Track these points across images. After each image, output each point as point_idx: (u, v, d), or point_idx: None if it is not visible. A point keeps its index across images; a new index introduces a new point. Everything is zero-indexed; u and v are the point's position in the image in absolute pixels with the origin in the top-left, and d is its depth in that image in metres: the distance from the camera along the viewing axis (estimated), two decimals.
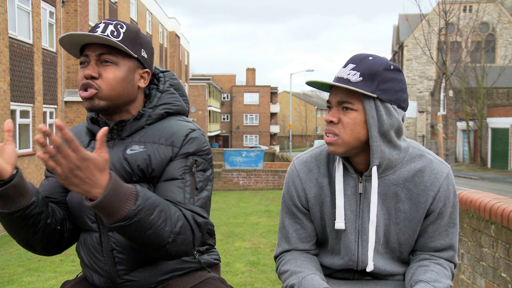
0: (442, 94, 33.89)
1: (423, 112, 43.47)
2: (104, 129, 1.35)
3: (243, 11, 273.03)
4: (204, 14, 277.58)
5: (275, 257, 1.86)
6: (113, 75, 1.65)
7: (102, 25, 1.66)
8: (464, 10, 33.77)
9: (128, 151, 1.69)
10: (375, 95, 1.59)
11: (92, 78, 1.64)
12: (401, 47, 44.87)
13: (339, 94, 1.63)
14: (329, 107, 1.67)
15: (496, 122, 30.07)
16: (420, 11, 13.93)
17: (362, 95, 1.60)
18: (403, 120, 1.67)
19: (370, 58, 1.63)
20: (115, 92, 1.66)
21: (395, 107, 1.63)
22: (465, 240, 3.70)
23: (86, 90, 1.65)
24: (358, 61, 1.62)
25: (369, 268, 1.69)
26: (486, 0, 37.24)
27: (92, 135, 1.77)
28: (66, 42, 1.67)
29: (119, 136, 1.72)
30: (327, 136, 1.65)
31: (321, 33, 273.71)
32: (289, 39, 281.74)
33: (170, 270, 1.74)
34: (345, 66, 1.65)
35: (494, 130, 30.56)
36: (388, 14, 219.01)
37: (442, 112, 33.09)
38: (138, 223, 1.43)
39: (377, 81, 1.60)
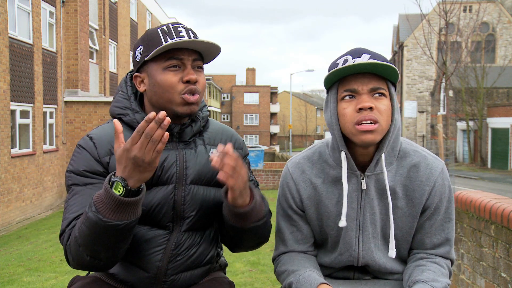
0: (442, 94, 33.87)
1: (423, 112, 43.44)
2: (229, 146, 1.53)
3: (245, 12, 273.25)
4: (206, 15, 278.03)
5: (273, 260, 1.87)
6: (204, 81, 1.71)
7: (184, 30, 1.68)
8: (464, 10, 33.74)
9: (211, 155, 1.71)
10: (399, 80, 1.64)
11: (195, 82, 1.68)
12: (401, 47, 44.84)
13: (371, 80, 1.61)
14: (351, 96, 1.62)
15: (496, 122, 30.04)
16: (421, 11, 13.91)
17: (390, 82, 1.64)
18: None
19: (378, 53, 1.68)
20: (203, 97, 1.74)
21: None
22: (465, 240, 3.69)
23: (193, 94, 1.67)
24: (372, 53, 1.64)
25: (391, 254, 1.68)
26: (486, 0, 37.21)
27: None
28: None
29: (179, 139, 1.74)
30: (365, 124, 1.59)
31: (323, 34, 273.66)
32: (290, 40, 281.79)
33: (207, 272, 1.81)
34: (359, 56, 1.62)
35: (494, 130, 30.53)
36: (389, 15, 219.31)
37: (442, 112, 33.06)
38: (268, 220, 1.71)
39: None
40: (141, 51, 1.70)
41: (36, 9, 14.25)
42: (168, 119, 1.38)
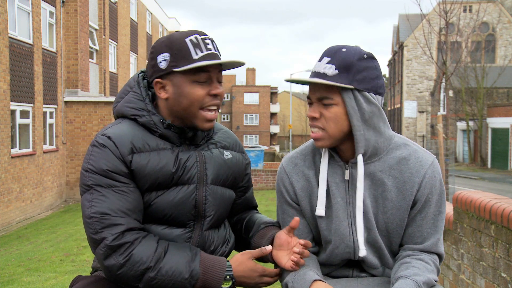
0: (442, 94, 33.86)
1: (423, 112, 43.44)
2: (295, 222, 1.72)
3: (249, 14, 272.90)
4: (211, 17, 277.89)
5: None
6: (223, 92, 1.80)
7: (210, 42, 1.73)
8: (464, 10, 33.70)
9: (225, 157, 1.82)
10: (352, 86, 1.62)
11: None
12: (401, 47, 44.84)
13: (318, 90, 1.66)
14: (310, 103, 1.70)
15: (496, 122, 30.05)
16: (421, 11, 13.90)
17: (340, 88, 1.63)
18: (381, 105, 1.70)
19: (344, 49, 1.65)
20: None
21: (373, 94, 1.66)
22: (465, 240, 3.69)
23: (212, 111, 1.74)
24: (333, 54, 1.65)
25: (362, 253, 1.70)
26: (486, 0, 37.18)
27: (165, 139, 1.74)
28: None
29: (191, 142, 1.77)
30: (313, 132, 1.69)
31: (327, 35, 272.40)
32: (294, 41, 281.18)
33: None
34: (320, 60, 1.67)
35: (494, 130, 30.54)
36: (390, 16, 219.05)
37: (442, 112, 33.05)
38: None
39: (352, 72, 1.62)
40: (166, 58, 1.68)
41: (36, 9, 14.25)
42: None
